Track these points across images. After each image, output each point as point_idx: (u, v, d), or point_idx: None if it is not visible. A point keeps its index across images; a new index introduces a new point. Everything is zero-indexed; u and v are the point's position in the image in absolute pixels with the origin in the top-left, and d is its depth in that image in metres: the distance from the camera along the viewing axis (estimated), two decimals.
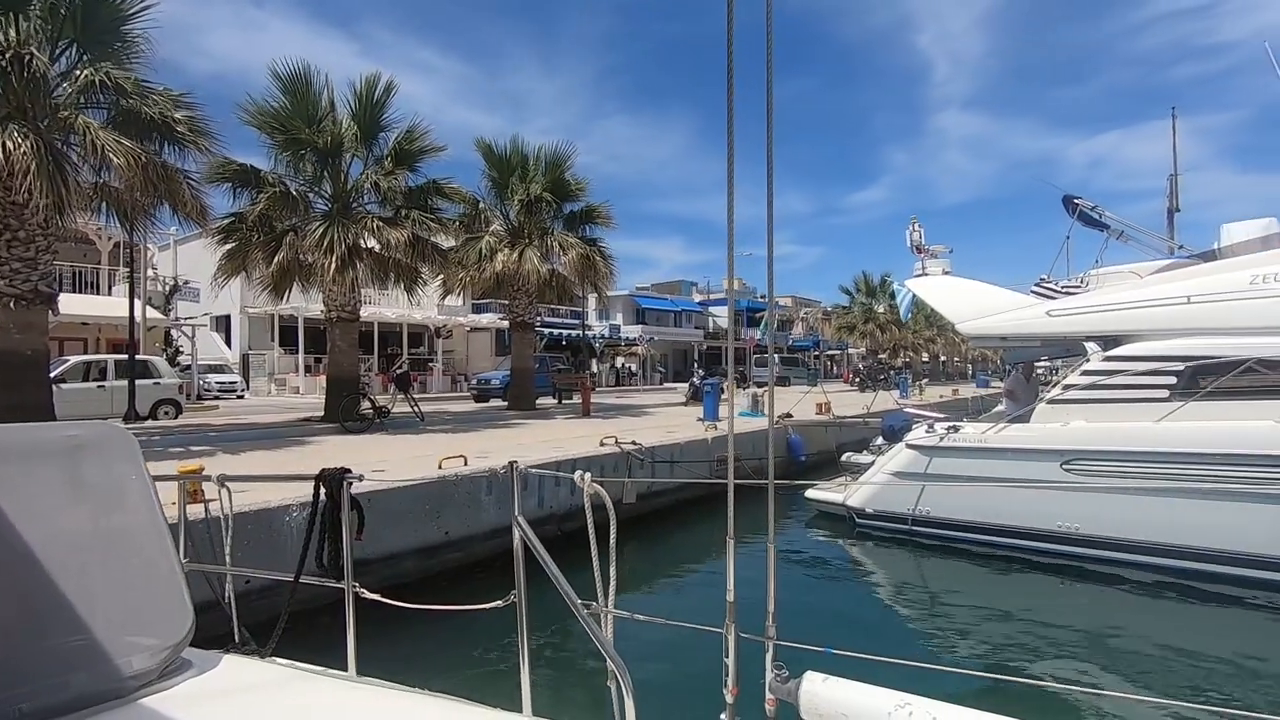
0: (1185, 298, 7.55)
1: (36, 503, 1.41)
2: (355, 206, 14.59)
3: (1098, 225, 10.22)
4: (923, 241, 10.55)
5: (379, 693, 1.61)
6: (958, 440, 8.31)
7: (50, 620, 1.33)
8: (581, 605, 2.06)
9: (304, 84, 13.70)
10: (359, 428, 13.02)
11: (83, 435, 1.54)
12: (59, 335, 17.42)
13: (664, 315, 50.50)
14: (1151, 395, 7.39)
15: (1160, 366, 7.44)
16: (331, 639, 2.55)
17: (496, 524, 7.92)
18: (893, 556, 8.52)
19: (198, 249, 20.79)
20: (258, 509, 5.92)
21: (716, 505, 11.07)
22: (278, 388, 27.26)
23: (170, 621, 1.46)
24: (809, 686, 1.81)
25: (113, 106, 10.13)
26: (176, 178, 10.64)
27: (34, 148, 8.42)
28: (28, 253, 9.48)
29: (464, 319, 32.82)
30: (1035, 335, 9.01)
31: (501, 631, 5.08)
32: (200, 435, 11.95)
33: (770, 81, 1.79)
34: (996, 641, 6.01)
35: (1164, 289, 7.92)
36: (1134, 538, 7.12)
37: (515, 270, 17.00)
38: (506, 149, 18.08)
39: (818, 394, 18.01)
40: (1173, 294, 7.70)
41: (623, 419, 16.18)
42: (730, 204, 1.90)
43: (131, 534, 1.54)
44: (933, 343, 50.25)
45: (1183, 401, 7.19)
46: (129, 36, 10.30)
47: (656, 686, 4.17)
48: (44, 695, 1.23)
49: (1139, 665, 5.50)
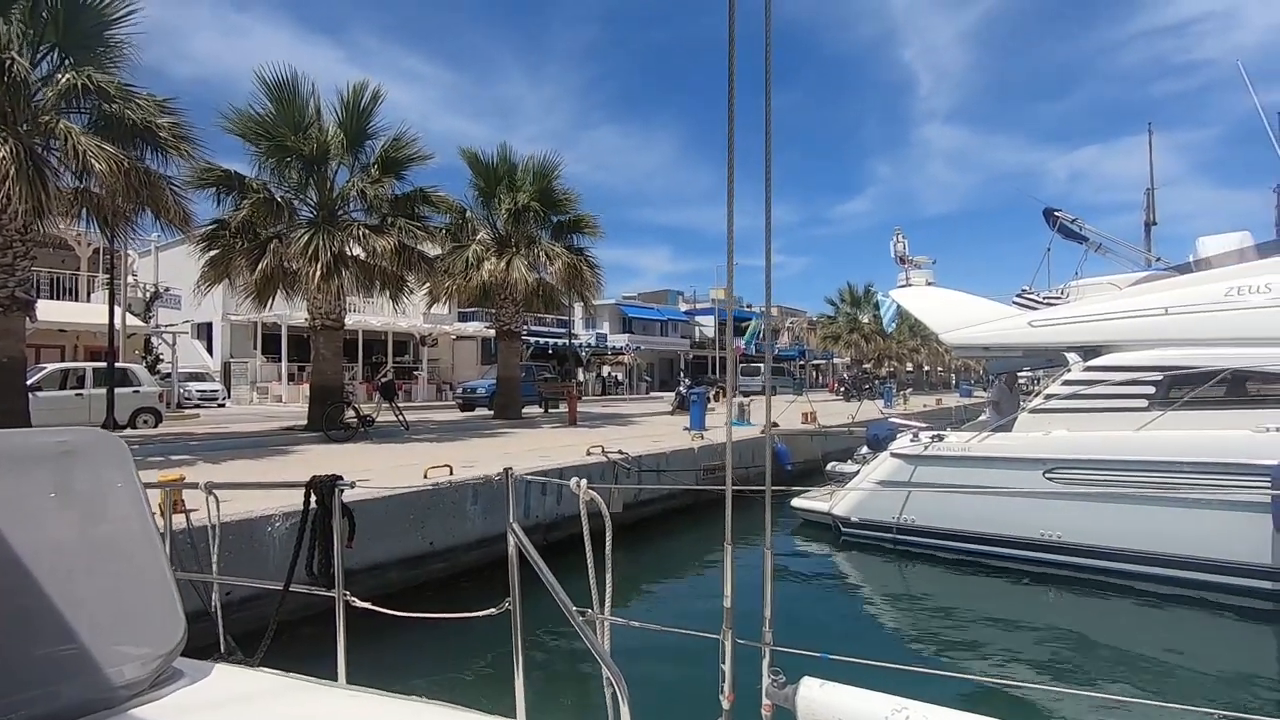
0: (1163, 309, 7.69)
1: (26, 509, 1.38)
2: (341, 214, 14.49)
3: (1077, 238, 10.40)
4: (907, 252, 10.68)
5: (373, 701, 1.59)
6: (942, 449, 8.38)
7: (40, 628, 1.30)
8: (577, 612, 2.06)
9: (290, 91, 13.63)
10: (343, 437, 12.89)
11: (73, 441, 1.51)
12: (36, 342, 17.09)
13: (650, 324, 50.59)
14: (1131, 405, 7.52)
15: (1139, 376, 7.57)
16: (316, 649, 2.52)
17: (483, 534, 7.87)
18: (878, 565, 8.56)
19: (180, 255, 20.55)
20: (239, 519, 5.82)
21: (702, 514, 11.07)
22: (260, 396, 26.93)
23: (162, 630, 1.44)
24: (806, 692, 1.81)
25: (95, 111, 10.02)
26: (159, 184, 10.53)
27: (13, 152, 8.31)
28: (4, 259, 9.33)
29: (450, 327, 32.67)
30: (1018, 345, 9.13)
31: (489, 640, 5.04)
32: (181, 444, 11.76)
33: (768, 97, 1.81)
34: (984, 648, 6.06)
35: (1142, 300, 8.07)
36: (1115, 545, 7.21)
37: (502, 279, 16.98)
38: (494, 158, 18.11)
39: (803, 403, 18.09)
40: (1151, 305, 7.85)
41: (609, 428, 16.15)
42: (730, 218, 1.92)
43: (122, 541, 1.52)
44: (916, 353, 50.73)
45: (1161, 411, 7.32)
46: (112, 41, 10.21)
47: (652, 693, 4.14)
48: (35, 704, 1.20)
49: (1123, 669, 5.57)
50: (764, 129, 1.85)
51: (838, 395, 35.73)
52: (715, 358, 47.80)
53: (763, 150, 1.87)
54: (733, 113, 1.80)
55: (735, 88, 1.76)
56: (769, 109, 1.82)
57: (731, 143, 1.81)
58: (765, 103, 1.80)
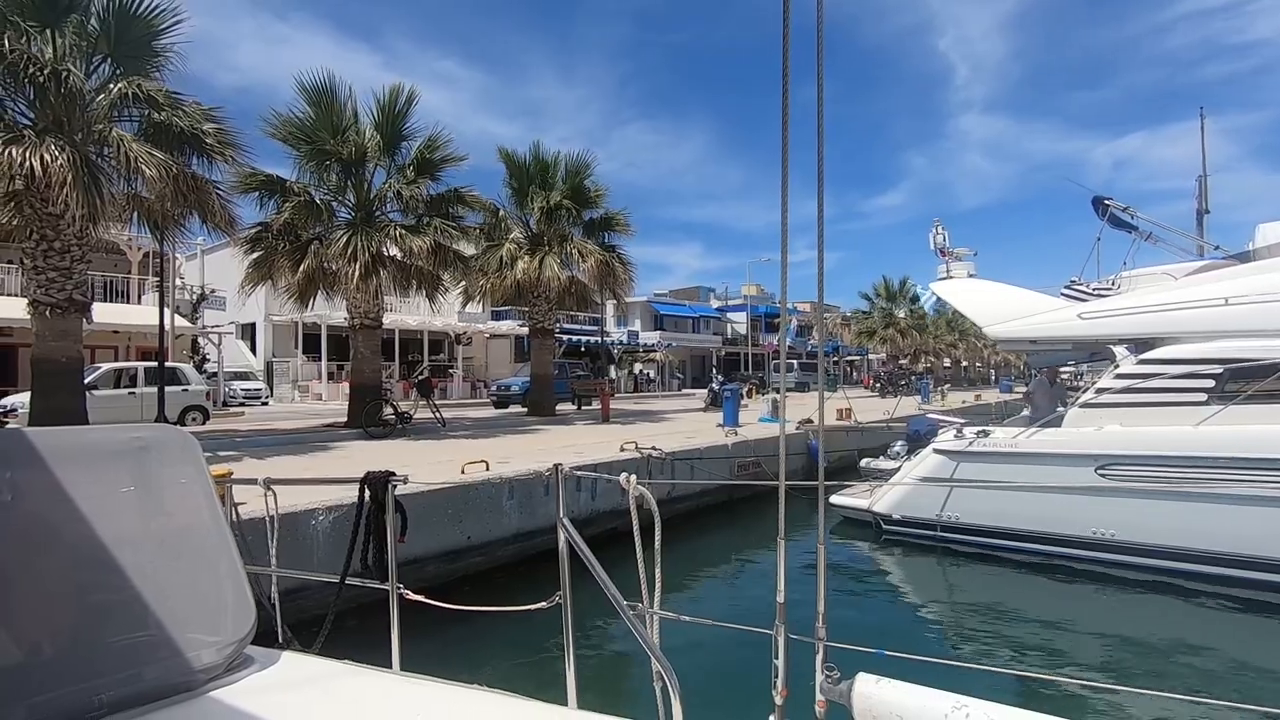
0: (1223, 299, 7.39)
1: (107, 502, 1.44)
2: (378, 215, 14.77)
3: (1127, 227, 10.05)
4: (947, 244, 10.45)
5: (429, 686, 1.62)
6: (987, 445, 8.20)
7: (123, 615, 1.36)
8: (627, 606, 2.06)
9: (329, 95, 13.93)
10: (382, 433, 13.15)
11: (149, 437, 1.57)
12: (91, 343, 17.76)
13: (682, 321, 50.49)
14: (1189, 399, 7.24)
15: (1198, 369, 7.28)
16: (365, 639, 2.57)
17: (518, 528, 7.95)
18: (922, 562, 8.42)
19: (224, 258, 21.17)
20: (285, 513, 5.97)
21: (737, 510, 11.02)
22: (301, 394, 27.59)
23: (234, 618, 1.49)
24: (862, 688, 1.79)
25: (144, 119, 10.35)
26: (205, 188, 10.85)
27: (70, 160, 8.63)
28: (63, 263, 9.71)
29: (484, 326, 33.03)
30: (1067, 338, 8.86)
31: (532, 633, 5.09)
32: (227, 441, 12.12)
33: (820, 91, 1.79)
34: (1036, 646, 5.91)
35: (1201, 290, 7.75)
36: (1172, 544, 6.97)
37: (535, 277, 17.10)
38: (527, 157, 18.25)
39: (839, 399, 17.87)
40: (1210, 296, 7.53)
41: (642, 424, 16.17)
42: (784, 216, 1.89)
43: (195, 533, 1.57)
44: (954, 347, 49.67)
45: (1222, 405, 7.03)
46: (160, 50, 10.53)
47: (702, 688, 4.15)
48: (120, 686, 1.25)
49: (1183, 669, 5.40)
50: (815, 123, 1.83)
51: (873, 391, 35.22)
52: (747, 354, 47.52)
53: (803, 144, 1.85)
54: (786, 110, 1.78)
55: (789, 84, 1.74)
56: (821, 106, 1.79)
57: (786, 140, 1.79)
58: (818, 97, 1.78)
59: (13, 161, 8.33)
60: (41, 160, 8.41)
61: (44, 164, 8.40)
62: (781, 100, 1.76)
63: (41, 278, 9.56)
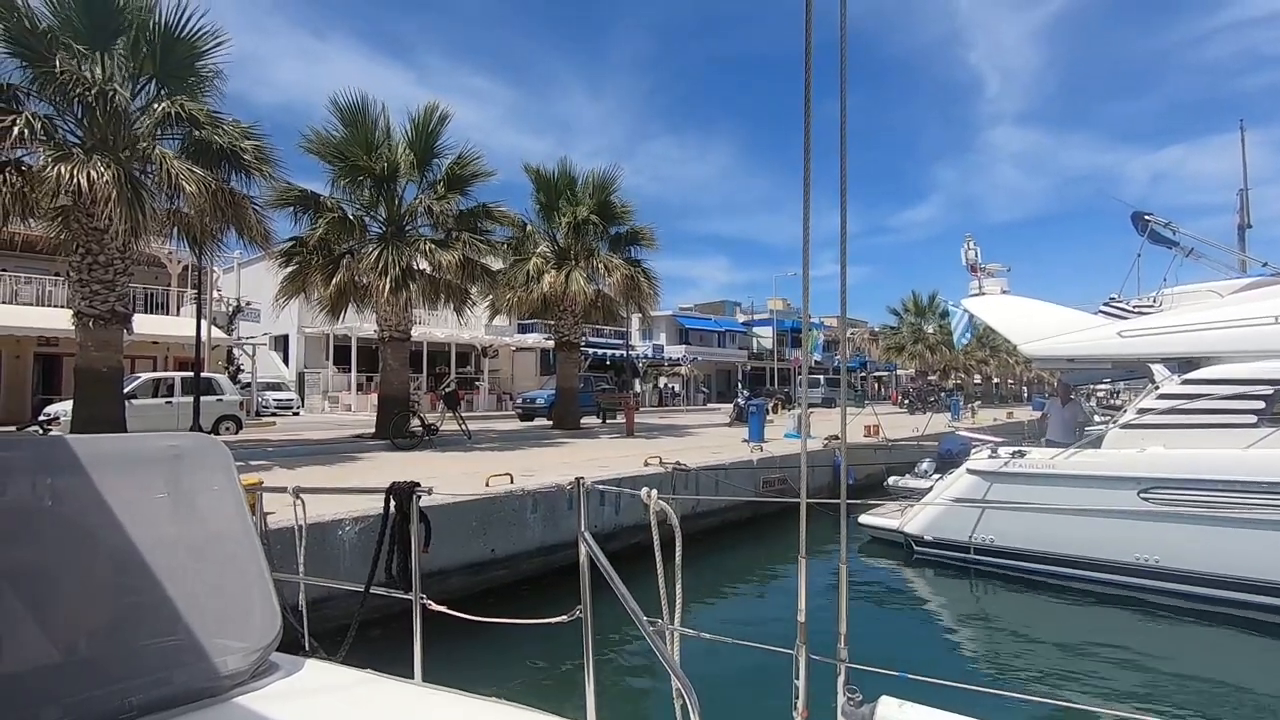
0: (1273, 317, 7.13)
1: (142, 508, 1.48)
2: (409, 229, 15.05)
3: (1167, 243, 9.78)
4: (979, 260, 10.28)
5: (451, 698, 1.63)
6: (1024, 466, 7.97)
7: (154, 619, 1.39)
8: (648, 622, 2.05)
9: (362, 113, 14.30)
10: (409, 444, 13.29)
11: (182, 445, 1.62)
12: (131, 353, 18.32)
13: (707, 335, 50.40)
14: (1238, 420, 6.96)
15: (1247, 390, 7.01)
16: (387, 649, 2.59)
17: (542, 542, 7.95)
18: (952, 585, 8.21)
19: (259, 271, 21.71)
20: (311, 522, 6.06)
21: (761, 527, 10.90)
22: (331, 405, 28.07)
23: (261, 625, 1.52)
24: (885, 711, 1.75)
25: (185, 137, 10.71)
26: (243, 203, 11.16)
27: (115, 177, 8.94)
28: (106, 275, 10.04)
29: (510, 339, 33.35)
30: (1106, 357, 8.61)
31: (554, 647, 5.08)
32: (259, 450, 12.36)
33: (843, 104, 1.79)
34: (1071, 674, 5.71)
35: (1250, 308, 7.46)
36: (1220, 571, 6.67)
37: (561, 291, 17.24)
38: (555, 172, 18.48)
39: (867, 415, 17.64)
40: (1260, 314, 7.27)
41: (667, 439, 16.12)
42: (805, 229, 1.89)
43: (225, 540, 1.61)
44: (985, 364, 48.77)
45: (1274, 428, 6.76)
46: (203, 71, 10.91)
47: (722, 706, 4.09)
48: (149, 689, 1.28)
49: (1227, 704, 5.16)
50: (838, 135, 1.83)
51: (901, 407, 34.70)
52: (773, 369, 47.18)
53: (828, 156, 1.85)
54: (809, 124, 1.78)
55: (811, 99, 1.74)
56: (844, 118, 1.79)
57: (808, 151, 1.80)
58: (840, 110, 1.78)
59: (61, 178, 8.66)
60: (88, 177, 8.72)
61: (90, 181, 8.71)
62: (804, 118, 1.76)
63: (86, 290, 9.89)
